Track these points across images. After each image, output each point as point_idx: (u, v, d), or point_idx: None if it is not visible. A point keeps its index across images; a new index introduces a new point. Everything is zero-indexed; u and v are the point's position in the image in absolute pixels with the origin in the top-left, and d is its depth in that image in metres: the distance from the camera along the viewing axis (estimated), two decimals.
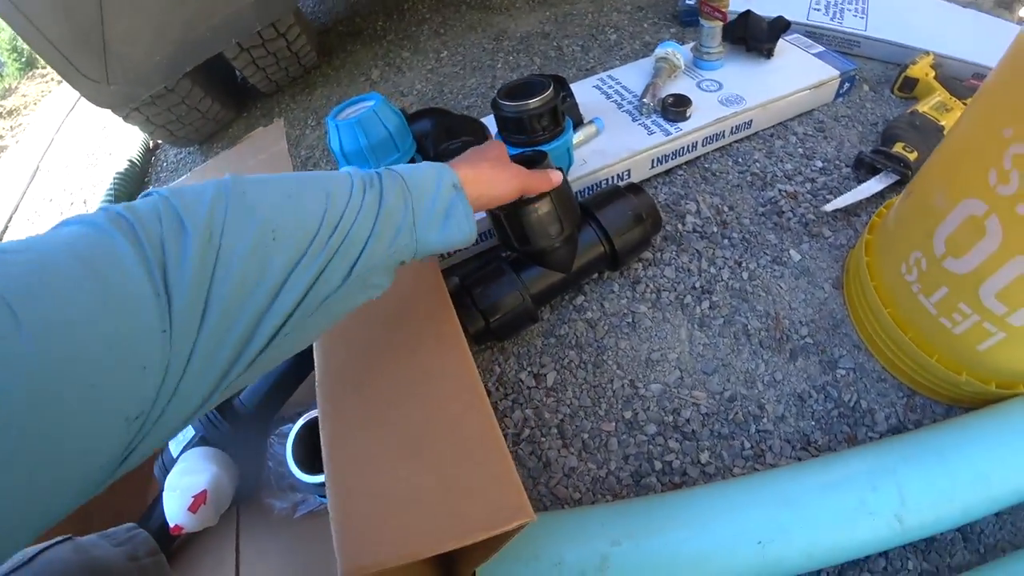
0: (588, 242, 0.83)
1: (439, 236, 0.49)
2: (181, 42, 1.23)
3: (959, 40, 1.24)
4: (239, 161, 0.95)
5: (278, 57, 1.53)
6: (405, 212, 0.47)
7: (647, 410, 0.77)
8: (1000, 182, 0.58)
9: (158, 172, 1.70)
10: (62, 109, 2.74)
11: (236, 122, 1.66)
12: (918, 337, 0.74)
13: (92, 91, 1.22)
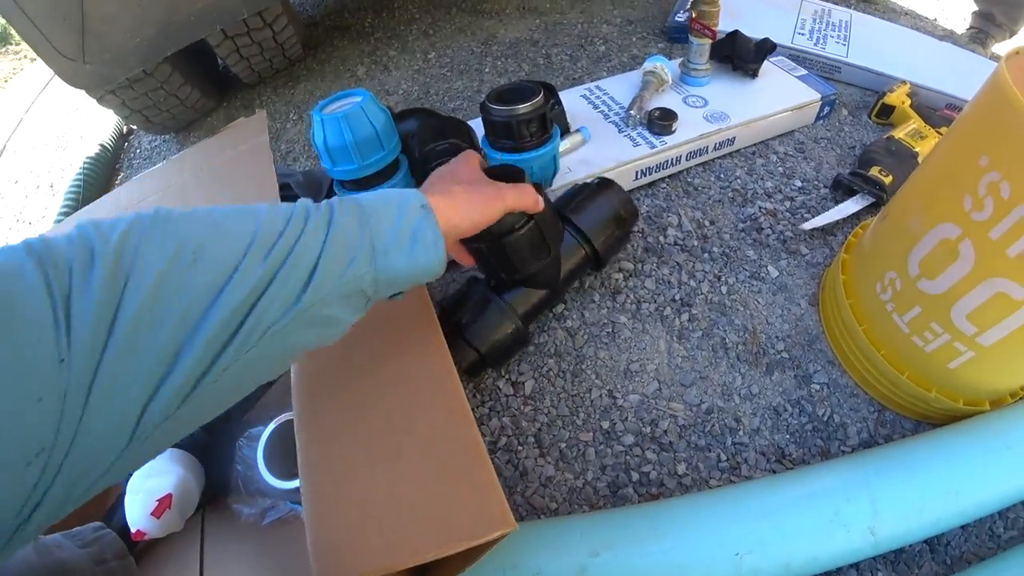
0: (570, 249, 0.81)
1: (405, 262, 0.44)
2: (163, 24, 1.18)
3: (935, 72, 1.28)
4: (218, 152, 0.93)
5: (263, 47, 1.49)
6: (361, 235, 0.42)
7: (625, 420, 0.77)
8: (975, 208, 0.60)
9: (131, 159, 1.64)
10: (33, 88, 2.65)
11: (215, 112, 1.62)
12: (890, 355, 0.76)
13: (67, 70, 1.17)
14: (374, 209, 0.45)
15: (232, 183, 0.88)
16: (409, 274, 0.45)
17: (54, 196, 1.66)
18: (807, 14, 1.46)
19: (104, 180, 1.55)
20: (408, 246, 0.45)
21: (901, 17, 1.74)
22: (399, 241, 0.44)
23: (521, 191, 0.58)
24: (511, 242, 0.64)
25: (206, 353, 0.33)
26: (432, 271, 0.47)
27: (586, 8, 1.70)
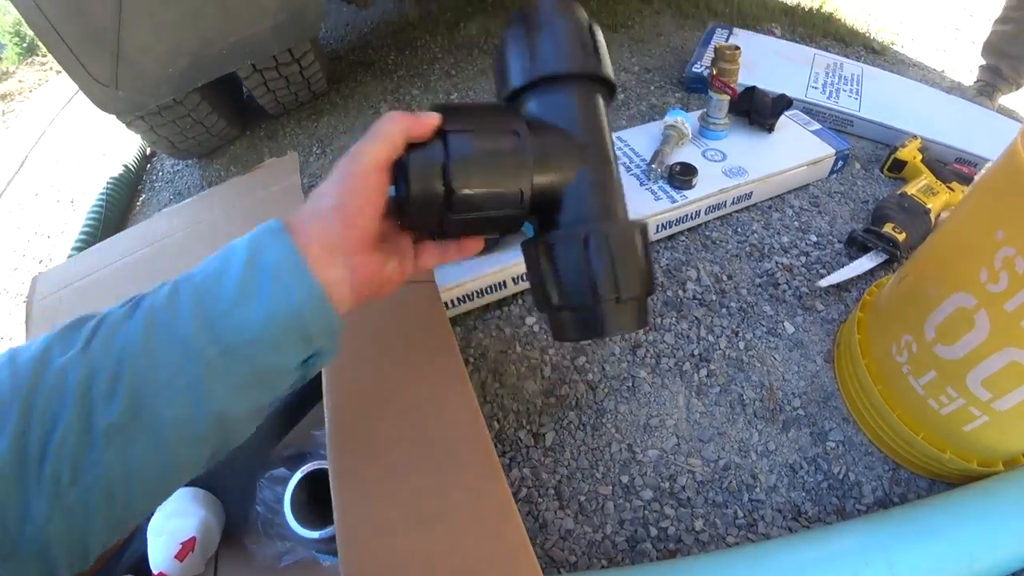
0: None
1: (256, 310, 0.33)
2: (196, 56, 1.23)
3: (944, 125, 1.32)
4: (249, 191, 0.95)
5: (289, 81, 1.54)
6: (189, 306, 0.33)
7: (644, 475, 0.78)
8: (990, 280, 0.62)
9: (152, 181, 1.67)
10: (58, 101, 2.68)
11: (239, 140, 1.65)
12: (905, 415, 0.77)
13: (99, 94, 1.20)
14: (204, 269, 0.35)
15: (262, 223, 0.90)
16: (271, 321, 0.34)
17: (74, 212, 1.69)
18: (820, 68, 1.50)
19: (126, 201, 1.58)
20: (257, 286, 0.34)
21: (910, 69, 1.78)
22: (242, 287, 0.34)
23: (388, 120, 0.38)
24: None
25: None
26: (304, 308, 0.34)
27: None
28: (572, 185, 0.40)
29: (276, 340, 0.35)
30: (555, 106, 0.42)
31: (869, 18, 2.10)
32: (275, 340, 0.34)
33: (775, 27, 1.88)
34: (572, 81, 0.42)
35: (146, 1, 1.11)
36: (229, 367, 0.34)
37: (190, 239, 0.96)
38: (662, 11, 2.00)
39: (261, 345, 0.34)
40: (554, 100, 0.42)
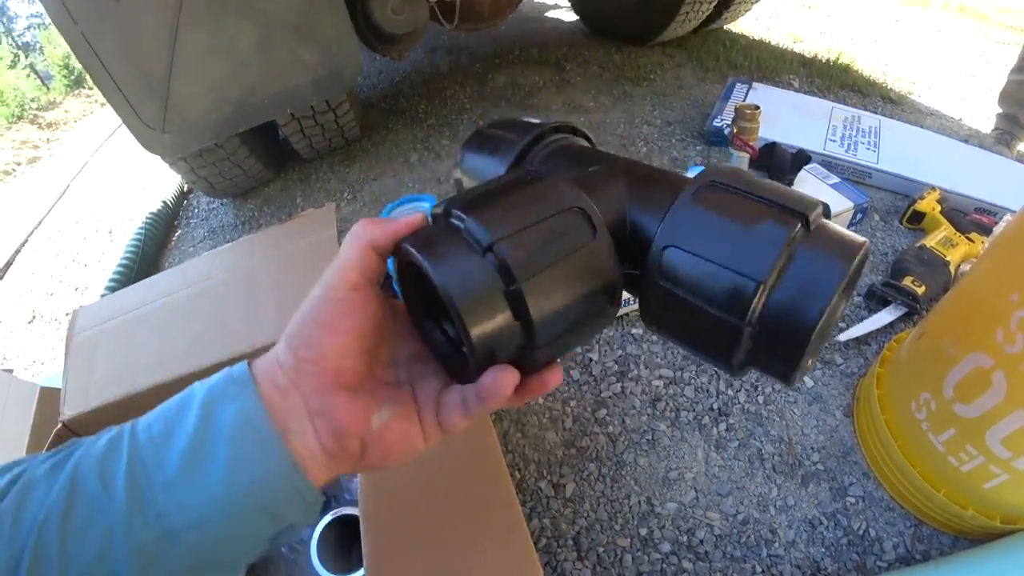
0: None
1: (210, 479, 0.27)
2: (239, 104, 1.31)
3: (963, 176, 1.33)
4: (287, 241, 1.00)
5: (324, 128, 1.62)
6: (112, 483, 0.27)
7: (662, 528, 0.79)
8: (1006, 341, 0.64)
9: (188, 217, 1.75)
10: (102, 132, 2.81)
11: (273, 182, 1.73)
12: (926, 471, 0.77)
13: (147, 137, 1.28)
14: (150, 424, 0.29)
15: (300, 272, 0.94)
16: (226, 500, 0.27)
17: (111, 242, 1.77)
18: (838, 121, 1.53)
19: (163, 236, 1.66)
20: (210, 453, 0.27)
21: (927, 117, 1.80)
22: (192, 453, 0.27)
23: (365, 224, 0.31)
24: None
25: None
26: (270, 480, 0.28)
27: (628, 108, 1.80)
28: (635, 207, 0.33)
29: (232, 522, 0.27)
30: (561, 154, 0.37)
31: (886, 68, 2.14)
32: (231, 522, 0.27)
33: (793, 79, 1.93)
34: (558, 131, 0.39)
35: (197, 54, 1.20)
36: (168, 555, 0.27)
37: (228, 284, 1.00)
38: (683, 64, 2.07)
39: (211, 529, 0.27)
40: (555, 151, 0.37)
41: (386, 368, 0.33)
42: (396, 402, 0.31)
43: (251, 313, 0.89)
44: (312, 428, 0.29)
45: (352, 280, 0.29)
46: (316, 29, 1.31)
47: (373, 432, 0.30)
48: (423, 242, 0.28)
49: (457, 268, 0.26)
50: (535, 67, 2.10)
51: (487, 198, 0.29)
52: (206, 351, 0.82)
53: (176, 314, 0.95)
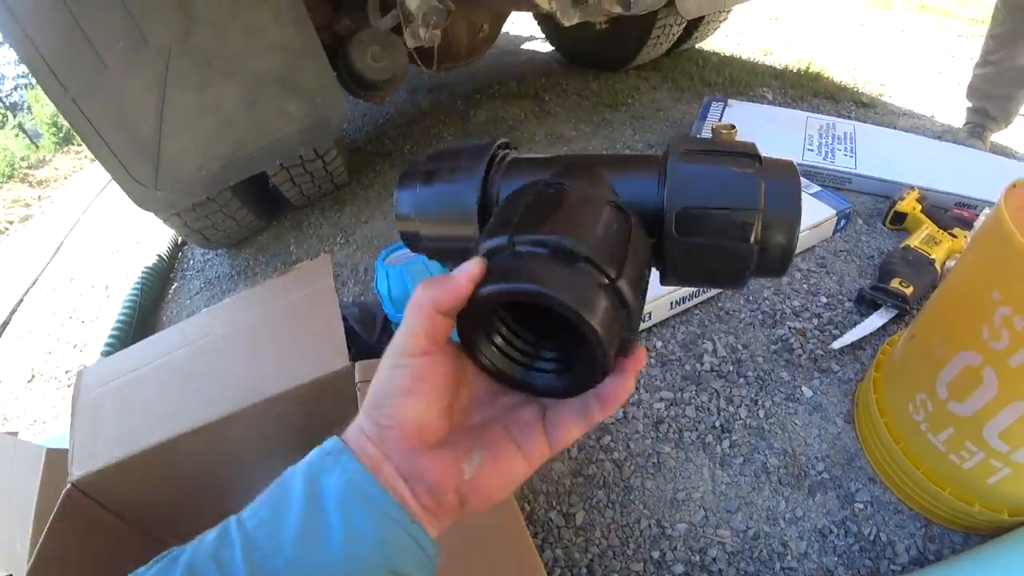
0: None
1: (326, 553, 0.27)
2: (229, 159, 1.33)
3: (940, 173, 1.36)
4: (284, 292, 1.01)
5: (314, 175, 1.65)
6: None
7: (674, 550, 0.80)
8: (992, 338, 0.65)
9: (184, 270, 1.76)
10: (92, 188, 2.82)
11: (265, 231, 1.74)
12: (930, 471, 0.78)
13: (139, 194, 1.30)
14: (255, 512, 0.29)
15: (299, 324, 0.95)
16: (349, 564, 0.27)
17: (108, 298, 1.78)
18: (813, 130, 1.57)
19: (160, 289, 1.67)
20: (325, 523, 0.28)
21: (900, 117, 1.84)
22: (306, 527, 0.28)
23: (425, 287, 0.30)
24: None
25: None
26: (394, 547, 0.28)
27: (608, 134, 1.84)
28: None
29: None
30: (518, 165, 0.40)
31: (855, 72, 2.19)
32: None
33: (766, 91, 1.97)
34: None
35: (184, 113, 1.23)
36: None
37: (227, 340, 1.01)
38: (659, 86, 2.12)
39: None
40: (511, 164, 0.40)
41: (469, 412, 0.33)
42: (485, 444, 0.31)
43: (251, 367, 0.90)
44: (408, 490, 0.29)
45: (422, 346, 0.29)
46: (300, 81, 1.35)
47: (467, 481, 0.30)
48: (511, 276, 0.29)
49: (563, 281, 0.28)
50: (515, 100, 2.15)
51: (541, 216, 0.31)
52: (208, 407, 0.82)
53: (176, 372, 0.96)
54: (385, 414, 0.29)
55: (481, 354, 0.32)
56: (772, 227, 0.33)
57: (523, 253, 0.30)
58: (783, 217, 0.33)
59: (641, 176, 0.36)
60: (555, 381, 0.32)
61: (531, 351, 0.33)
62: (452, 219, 0.40)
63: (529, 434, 0.32)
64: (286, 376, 0.85)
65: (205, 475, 0.86)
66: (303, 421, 0.87)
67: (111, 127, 1.20)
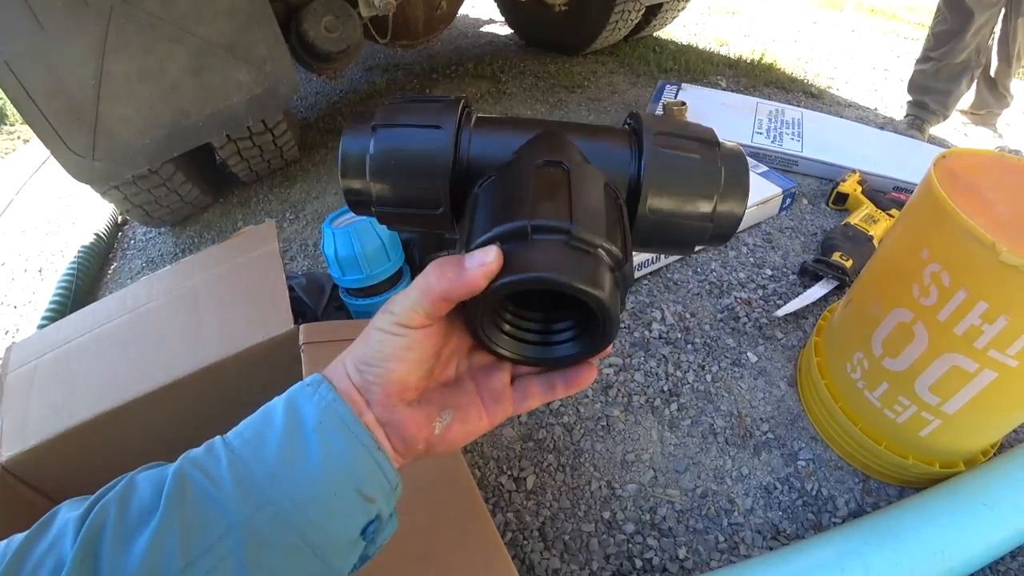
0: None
1: (307, 464, 0.30)
2: (173, 127, 1.27)
3: (880, 159, 1.43)
4: (228, 258, 0.97)
5: (263, 149, 1.59)
6: (229, 473, 0.30)
7: (625, 510, 0.81)
8: (922, 295, 0.69)
9: (124, 249, 1.68)
10: (25, 170, 2.68)
11: (212, 207, 1.67)
12: (867, 427, 0.82)
13: (75, 165, 1.22)
14: (240, 433, 0.32)
15: (242, 289, 0.92)
16: (331, 481, 0.30)
17: (42, 281, 1.67)
18: (763, 115, 1.61)
19: (97, 269, 1.58)
20: (303, 442, 0.31)
21: (846, 109, 1.92)
22: (287, 445, 0.30)
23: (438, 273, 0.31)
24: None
25: None
26: (361, 470, 0.31)
27: (564, 114, 1.85)
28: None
29: (332, 503, 0.30)
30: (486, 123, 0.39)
31: (806, 66, 2.27)
32: (331, 503, 0.30)
33: (720, 79, 2.02)
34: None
35: (125, 79, 1.16)
36: (278, 537, 0.29)
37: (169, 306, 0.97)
38: (616, 71, 2.14)
39: (313, 510, 0.30)
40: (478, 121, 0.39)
41: (447, 366, 0.36)
42: (457, 404, 0.35)
43: (194, 333, 0.86)
44: (384, 435, 0.32)
45: (419, 321, 0.31)
46: (249, 49, 1.30)
47: (436, 435, 0.34)
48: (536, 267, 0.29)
49: (584, 271, 0.29)
50: (472, 80, 2.13)
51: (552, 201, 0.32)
52: (149, 375, 0.79)
53: (115, 341, 0.92)
54: (373, 371, 0.32)
55: (495, 344, 0.34)
56: (725, 206, 0.36)
57: (540, 241, 0.30)
58: (735, 198, 0.37)
59: (614, 150, 0.37)
60: (567, 350, 0.34)
61: (542, 329, 0.35)
62: (416, 182, 0.37)
63: (496, 399, 0.35)
64: (230, 341, 0.82)
65: (146, 448, 0.82)
66: (247, 388, 0.84)
67: (46, 93, 1.12)
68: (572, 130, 0.39)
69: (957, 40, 1.57)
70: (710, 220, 0.36)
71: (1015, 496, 0.72)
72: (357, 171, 0.38)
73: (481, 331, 0.33)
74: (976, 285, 0.63)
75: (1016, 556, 0.75)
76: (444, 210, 0.38)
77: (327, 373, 0.33)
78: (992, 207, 0.66)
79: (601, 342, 0.33)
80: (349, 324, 0.82)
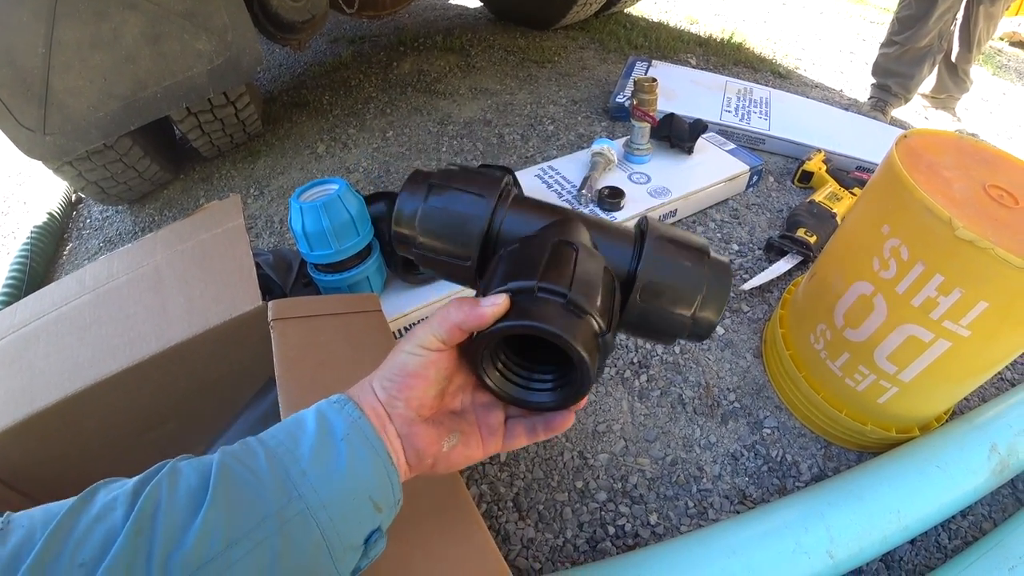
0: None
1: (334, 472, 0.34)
2: (129, 100, 1.20)
3: (845, 139, 1.46)
4: (191, 234, 0.94)
5: (224, 123, 1.53)
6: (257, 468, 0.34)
7: (597, 479, 0.82)
8: (882, 268, 0.71)
9: (80, 229, 1.60)
10: None
11: (172, 184, 1.61)
12: (829, 396, 0.85)
13: (25, 140, 1.15)
14: (279, 431, 0.36)
15: (208, 267, 0.90)
16: (349, 490, 0.34)
17: None
18: (732, 93, 1.63)
19: (52, 250, 1.50)
20: (333, 451, 0.35)
21: (812, 89, 1.95)
22: (318, 451, 0.35)
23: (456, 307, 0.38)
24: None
25: None
26: (375, 483, 0.36)
27: (533, 89, 1.83)
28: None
29: (350, 506, 0.35)
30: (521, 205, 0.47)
31: (775, 46, 2.29)
32: (349, 506, 0.35)
33: (690, 57, 2.03)
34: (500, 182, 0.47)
35: (77, 47, 1.09)
36: (304, 532, 0.33)
37: (132, 284, 0.93)
38: (586, 47, 2.13)
39: (334, 510, 0.34)
40: (514, 200, 0.47)
41: (455, 396, 0.42)
42: (461, 431, 0.41)
43: (159, 312, 0.83)
44: (401, 447, 0.38)
45: (436, 346, 0.38)
46: (210, 17, 1.25)
47: (443, 453, 0.40)
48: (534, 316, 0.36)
49: (573, 329, 0.35)
50: (440, 53, 2.10)
51: (560, 271, 0.39)
52: (112, 358, 0.75)
53: (75, 324, 0.88)
54: (396, 386, 0.38)
55: (487, 376, 0.40)
56: (705, 307, 0.43)
57: (543, 299, 0.37)
58: (712, 307, 0.43)
59: (620, 244, 0.45)
60: (544, 398, 0.41)
61: (528, 376, 0.42)
62: (454, 238, 0.45)
63: (492, 434, 0.42)
64: (196, 320, 0.79)
65: (111, 434, 0.79)
66: (216, 367, 0.82)
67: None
68: (589, 222, 0.46)
69: (920, 25, 1.61)
70: (690, 319, 0.43)
71: (966, 459, 0.76)
72: (409, 220, 0.46)
73: (480, 363, 0.39)
74: (933, 259, 0.65)
75: (967, 515, 0.80)
76: (471, 265, 0.45)
77: (352, 394, 0.38)
78: (950, 185, 0.69)
79: (575, 396, 0.39)
80: (319, 300, 0.80)
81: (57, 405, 0.72)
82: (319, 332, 0.75)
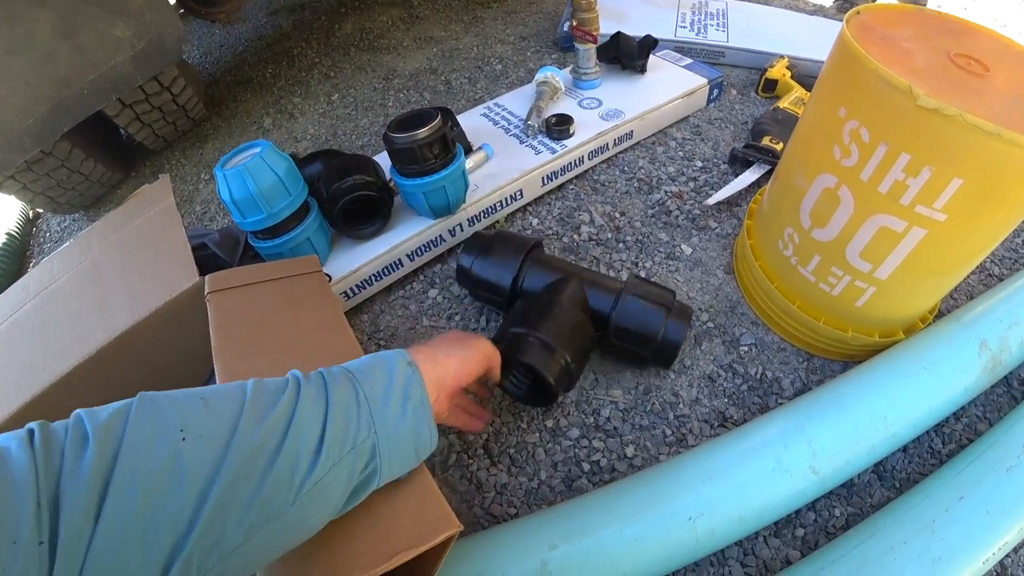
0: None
1: (401, 422, 0.45)
2: (56, 101, 1.15)
3: (808, 43, 1.38)
4: (125, 222, 0.91)
5: (164, 112, 1.47)
6: (358, 399, 0.44)
7: (567, 416, 0.79)
8: (843, 156, 0.66)
9: (41, 243, 1.56)
10: None
11: (124, 183, 1.56)
12: (805, 305, 0.81)
13: None
14: (363, 372, 0.46)
15: (144, 251, 0.87)
16: (405, 437, 0.45)
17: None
18: (686, 8, 1.55)
19: (15, 270, 1.46)
20: (401, 404, 0.46)
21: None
22: (393, 400, 0.45)
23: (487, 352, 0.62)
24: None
25: (213, 538, 0.33)
26: (424, 438, 0.48)
27: (480, 31, 1.75)
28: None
29: (406, 447, 0.46)
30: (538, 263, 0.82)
31: None
32: (406, 447, 0.46)
33: None
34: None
35: None
36: (361, 458, 0.42)
37: (73, 283, 0.91)
38: None
39: (393, 446, 0.45)
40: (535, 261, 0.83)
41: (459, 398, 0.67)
42: (466, 407, 0.70)
43: (101, 304, 0.82)
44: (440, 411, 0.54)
45: (481, 366, 0.61)
46: (123, 1, 1.18)
47: (446, 417, 0.61)
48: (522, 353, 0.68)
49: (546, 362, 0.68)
50: (382, 8, 2.01)
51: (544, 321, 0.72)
52: (63, 357, 0.75)
53: (24, 330, 0.86)
54: (449, 375, 0.54)
55: (506, 382, 0.73)
56: (664, 343, 0.75)
57: (531, 341, 0.69)
58: (671, 340, 0.75)
59: (605, 295, 0.77)
60: (526, 397, 0.75)
61: (523, 385, 0.75)
62: (493, 281, 0.82)
63: (462, 415, 0.68)
64: (138, 306, 0.77)
65: None
66: (163, 350, 0.80)
67: None
68: (587, 278, 0.80)
69: None
70: (651, 353, 0.76)
71: (955, 358, 0.71)
72: (467, 268, 0.84)
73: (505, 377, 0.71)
74: (896, 136, 0.60)
75: (960, 417, 0.76)
76: (503, 300, 0.82)
77: (417, 358, 0.51)
78: (910, 56, 0.63)
79: (547, 401, 0.76)
80: (256, 268, 0.77)
81: (17, 413, 0.72)
82: (257, 299, 0.73)
